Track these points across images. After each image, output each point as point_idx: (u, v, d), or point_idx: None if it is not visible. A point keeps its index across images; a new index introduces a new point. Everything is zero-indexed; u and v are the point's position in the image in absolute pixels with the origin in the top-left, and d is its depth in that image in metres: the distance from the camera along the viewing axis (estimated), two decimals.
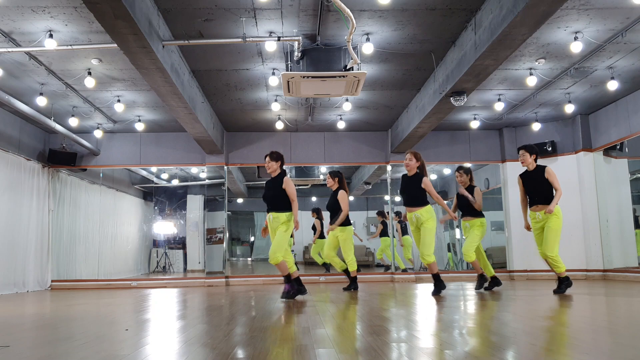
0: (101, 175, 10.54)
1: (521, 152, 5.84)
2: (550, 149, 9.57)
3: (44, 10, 5.18)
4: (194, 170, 12.05)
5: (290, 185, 5.64)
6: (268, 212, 5.72)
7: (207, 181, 10.71)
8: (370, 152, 10.22)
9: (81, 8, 5.09)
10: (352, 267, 6.90)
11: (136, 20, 4.52)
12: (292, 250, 12.38)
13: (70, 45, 5.82)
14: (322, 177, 11.41)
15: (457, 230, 12.00)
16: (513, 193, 9.94)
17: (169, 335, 3.37)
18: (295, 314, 4.38)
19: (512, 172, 10.00)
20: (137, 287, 9.53)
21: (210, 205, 11.14)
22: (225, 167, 10.04)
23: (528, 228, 5.98)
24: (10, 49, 5.81)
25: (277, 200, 5.64)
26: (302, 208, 11.10)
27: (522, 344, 2.81)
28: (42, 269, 9.25)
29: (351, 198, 12.91)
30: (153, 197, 13.87)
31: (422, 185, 5.86)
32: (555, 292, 5.91)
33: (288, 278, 5.66)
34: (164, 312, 4.88)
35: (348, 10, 4.88)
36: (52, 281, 9.45)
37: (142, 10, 4.76)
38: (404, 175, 6.11)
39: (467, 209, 6.57)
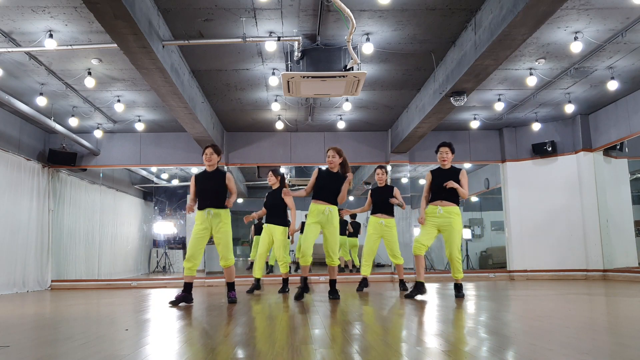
0: (101, 175, 10.54)
1: (446, 149, 5.51)
2: (550, 149, 9.57)
3: (44, 10, 5.18)
4: (194, 170, 12.03)
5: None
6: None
7: None
8: (370, 152, 10.22)
9: (81, 8, 5.09)
10: (284, 268, 6.71)
11: (136, 20, 4.52)
12: (292, 250, 12.40)
13: (70, 45, 5.82)
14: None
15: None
16: (513, 193, 9.96)
17: (169, 335, 3.37)
18: (295, 314, 4.38)
19: (512, 172, 10.02)
20: (137, 287, 9.53)
21: None
22: (225, 167, 10.04)
23: (423, 222, 5.51)
24: (10, 49, 5.81)
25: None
26: (301, 207, 11.15)
27: (522, 344, 2.81)
28: (42, 269, 9.25)
29: (351, 198, 12.92)
30: (153, 197, 13.87)
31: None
32: (458, 296, 5.48)
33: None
34: (164, 312, 4.88)
35: (348, 10, 4.88)
36: (52, 281, 9.46)
37: (142, 10, 4.77)
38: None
39: (387, 207, 6.66)
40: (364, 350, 2.63)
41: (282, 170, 11.18)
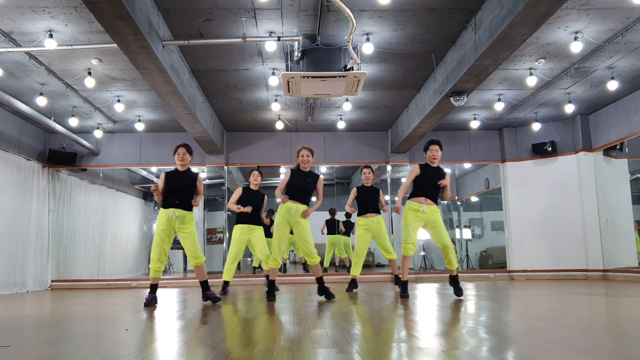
0: (101, 175, 10.54)
1: (436, 147, 5.54)
2: (550, 149, 9.57)
3: (44, 10, 5.18)
4: (193, 170, 12.04)
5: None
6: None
7: (207, 181, 10.71)
8: (370, 152, 10.22)
9: (81, 8, 5.09)
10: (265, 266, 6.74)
11: (136, 20, 4.52)
12: (291, 251, 12.39)
13: (70, 45, 5.82)
14: (322, 177, 11.42)
15: (457, 230, 12.01)
16: (513, 193, 9.96)
17: (169, 335, 3.37)
18: (295, 314, 4.38)
19: (512, 172, 10.02)
20: (137, 287, 9.53)
21: (210, 205, 11.13)
22: (225, 167, 10.04)
23: (398, 211, 5.57)
24: (10, 49, 5.81)
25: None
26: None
27: (522, 344, 2.81)
28: (42, 269, 9.25)
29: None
30: (153, 197, 13.86)
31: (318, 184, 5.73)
32: (458, 294, 5.49)
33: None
34: (164, 312, 4.88)
35: (348, 10, 4.88)
36: (52, 281, 9.46)
37: (142, 10, 4.76)
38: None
39: (375, 206, 6.74)
40: (364, 350, 2.63)
41: (282, 170, 11.18)
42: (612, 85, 7.28)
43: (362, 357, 2.47)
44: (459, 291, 5.51)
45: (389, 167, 10.19)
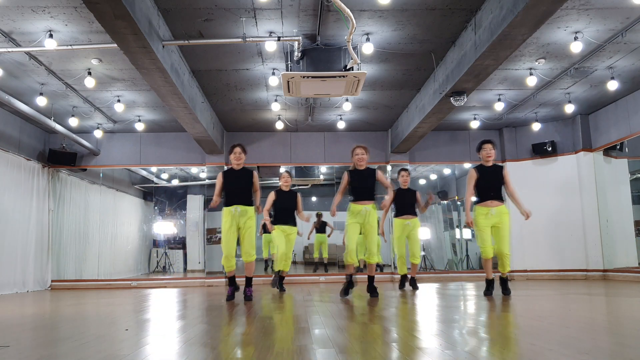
0: (101, 175, 10.54)
1: (490, 146, 5.61)
2: (550, 149, 9.57)
3: (44, 10, 5.18)
4: (194, 170, 12.05)
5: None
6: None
7: (207, 181, 10.72)
8: (370, 152, 10.20)
9: (81, 8, 5.09)
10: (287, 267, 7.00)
11: (136, 20, 4.52)
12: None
13: (70, 45, 5.82)
14: (322, 177, 11.49)
15: (457, 230, 12.00)
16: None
17: (169, 335, 3.37)
18: (295, 314, 4.38)
19: (512, 172, 9.95)
20: (137, 287, 9.53)
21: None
22: (225, 167, 10.04)
23: (472, 225, 5.62)
24: (10, 49, 5.81)
25: None
26: (302, 207, 11.14)
27: (522, 344, 2.81)
28: (42, 269, 9.25)
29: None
30: (153, 197, 13.86)
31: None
32: (505, 293, 5.60)
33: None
34: (164, 312, 4.88)
35: (348, 10, 4.88)
36: (52, 281, 9.46)
37: (142, 10, 4.76)
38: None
39: (412, 209, 6.84)
40: (364, 350, 2.63)
41: (282, 170, 11.18)
42: (612, 85, 7.28)
43: (362, 357, 2.47)
44: (506, 290, 5.61)
45: (389, 167, 10.18)
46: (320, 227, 11.39)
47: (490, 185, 5.58)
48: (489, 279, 5.70)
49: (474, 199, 5.73)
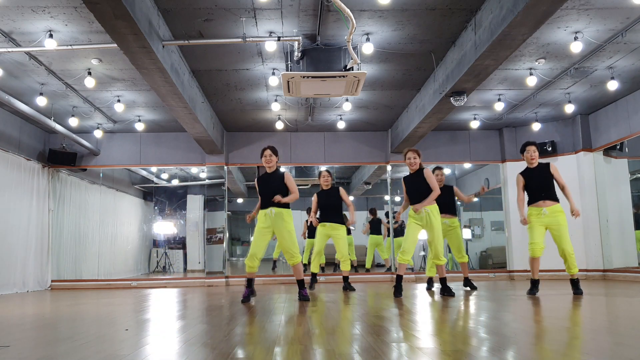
0: (101, 175, 10.54)
1: (533, 147, 5.71)
2: (550, 149, 9.57)
3: (44, 10, 5.18)
4: (194, 170, 12.05)
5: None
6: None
7: (207, 181, 10.71)
8: (370, 152, 10.22)
9: (81, 8, 5.09)
10: (346, 266, 7.02)
11: (136, 20, 4.52)
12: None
13: (70, 45, 5.81)
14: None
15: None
16: (513, 193, 9.94)
17: (169, 335, 3.37)
18: (295, 314, 4.38)
19: (512, 172, 10.00)
20: (137, 287, 9.53)
21: (210, 205, 11.13)
22: (225, 167, 10.04)
23: (525, 222, 5.66)
24: (10, 49, 5.81)
25: None
26: (302, 208, 11.14)
27: (522, 344, 2.81)
28: (42, 269, 9.25)
29: (351, 198, 12.93)
30: (153, 197, 13.86)
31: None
32: (577, 293, 5.63)
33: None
34: (164, 312, 4.88)
35: (348, 10, 4.88)
36: (52, 281, 9.46)
37: (142, 10, 4.76)
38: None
39: (451, 207, 6.73)
40: (364, 350, 2.63)
41: (282, 170, 11.17)
42: (612, 85, 7.27)
43: (362, 357, 2.47)
44: (577, 290, 5.62)
45: (388, 167, 10.19)
46: (374, 226, 10.82)
47: (539, 186, 5.63)
48: (534, 279, 5.72)
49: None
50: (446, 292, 5.73)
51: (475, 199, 6.89)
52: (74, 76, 6.96)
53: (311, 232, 8.85)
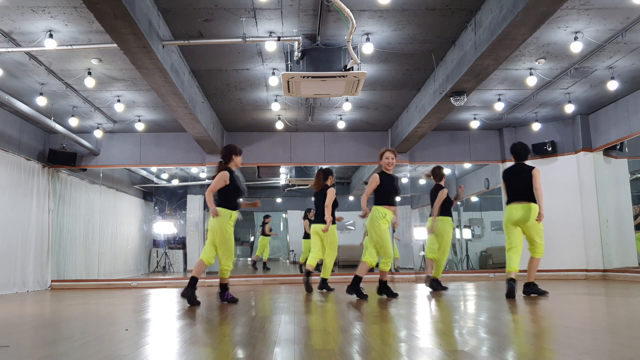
0: (101, 175, 10.54)
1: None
2: (550, 149, 9.57)
3: (44, 10, 5.18)
4: (194, 170, 12.05)
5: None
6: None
7: (207, 181, 10.70)
8: (370, 152, 10.22)
9: (81, 8, 5.09)
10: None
11: (136, 20, 4.52)
12: (292, 251, 12.39)
13: (70, 45, 5.81)
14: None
15: (457, 231, 12.00)
16: None
17: (169, 335, 3.37)
18: (295, 314, 4.38)
19: None
20: (137, 287, 9.53)
21: None
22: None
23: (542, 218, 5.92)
24: (10, 49, 5.81)
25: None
26: (301, 208, 11.14)
27: (522, 344, 2.81)
28: (42, 269, 9.25)
29: (351, 198, 12.91)
30: (153, 197, 13.87)
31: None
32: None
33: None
34: (164, 312, 4.88)
35: (348, 10, 4.88)
36: (52, 281, 9.45)
37: (142, 10, 4.77)
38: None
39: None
40: (364, 350, 2.63)
41: (282, 170, 11.19)
42: (612, 85, 7.27)
43: (362, 357, 2.47)
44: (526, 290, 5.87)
45: None
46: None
47: (517, 187, 6.11)
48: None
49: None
50: (385, 292, 5.84)
51: (458, 202, 6.98)
52: (74, 76, 6.96)
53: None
